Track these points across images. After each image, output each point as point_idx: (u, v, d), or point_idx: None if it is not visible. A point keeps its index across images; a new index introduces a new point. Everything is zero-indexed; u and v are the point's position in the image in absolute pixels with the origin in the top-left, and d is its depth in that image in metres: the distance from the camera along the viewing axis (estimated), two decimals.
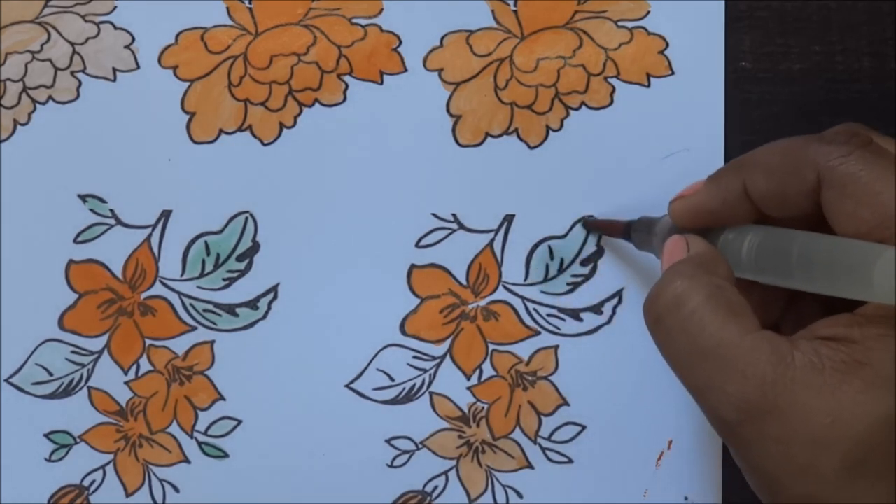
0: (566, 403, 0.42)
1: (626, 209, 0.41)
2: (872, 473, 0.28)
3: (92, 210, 0.41)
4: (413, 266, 0.42)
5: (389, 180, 0.41)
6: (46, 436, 0.41)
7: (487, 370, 0.42)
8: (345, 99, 0.41)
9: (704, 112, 0.42)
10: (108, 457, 0.42)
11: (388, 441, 0.42)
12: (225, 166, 0.41)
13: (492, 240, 0.42)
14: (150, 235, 0.41)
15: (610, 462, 0.42)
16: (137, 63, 0.41)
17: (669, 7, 0.42)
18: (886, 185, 0.29)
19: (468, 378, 0.42)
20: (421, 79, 0.42)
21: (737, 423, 0.29)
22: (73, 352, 0.41)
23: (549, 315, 0.42)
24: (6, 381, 0.41)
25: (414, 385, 0.42)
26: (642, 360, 0.41)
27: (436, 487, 0.42)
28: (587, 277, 0.42)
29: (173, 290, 0.41)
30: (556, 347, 0.42)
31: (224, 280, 0.41)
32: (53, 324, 0.41)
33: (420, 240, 0.42)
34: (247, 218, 0.41)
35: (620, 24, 0.42)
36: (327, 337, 0.42)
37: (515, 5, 0.42)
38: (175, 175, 0.41)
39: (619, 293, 0.42)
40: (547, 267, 0.42)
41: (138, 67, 0.41)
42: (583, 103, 0.42)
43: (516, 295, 0.42)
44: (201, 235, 0.41)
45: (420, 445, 0.42)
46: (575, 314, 0.42)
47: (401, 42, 0.42)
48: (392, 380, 0.42)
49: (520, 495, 0.42)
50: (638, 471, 0.42)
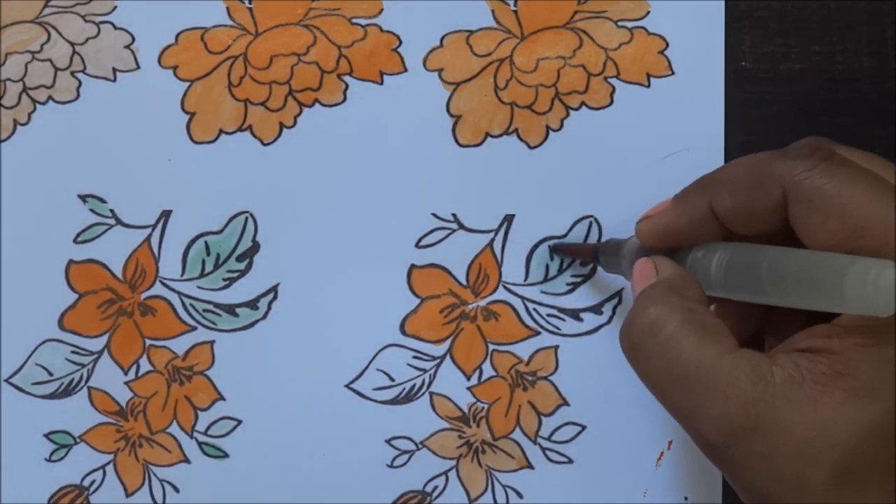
0: (566, 403, 0.42)
1: (626, 209, 0.41)
2: (861, 482, 0.28)
3: (92, 210, 0.41)
4: (413, 266, 0.42)
5: (389, 180, 0.41)
6: (46, 436, 0.41)
7: (487, 370, 0.42)
8: (345, 99, 0.41)
9: (704, 112, 0.42)
10: (108, 457, 0.42)
11: (388, 441, 0.42)
12: (225, 166, 0.41)
13: (492, 240, 0.42)
14: (150, 235, 0.41)
15: (610, 462, 0.42)
16: (137, 63, 0.41)
17: (669, 7, 0.42)
18: (852, 196, 0.29)
19: (468, 378, 0.42)
20: (421, 79, 0.42)
21: (723, 445, 0.29)
22: (73, 352, 0.41)
23: (549, 315, 0.42)
24: (6, 381, 0.41)
25: (414, 385, 0.42)
26: None
27: (436, 487, 0.42)
28: (587, 277, 0.42)
29: (173, 290, 0.41)
30: (556, 347, 0.42)
31: (224, 280, 0.41)
32: (53, 324, 0.41)
33: (420, 240, 0.42)
34: (247, 218, 0.41)
35: (620, 24, 0.42)
36: (327, 337, 0.42)
37: (515, 5, 0.42)
38: (175, 175, 0.41)
39: (619, 293, 0.42)
40: (547, 267, 0.42)
41: (138, 67, 0.41)
42: (583, 103, 0.42)
43: (516, 295, 0.42)
44: (201, 235, 0.41)
45: (420, 445, 0.42)
46: (575, 314, 0.42)
47: (401, 42, 0.42)
48: (392, 380, 0.42)
49: (520, 495, 0.42)
50: (638, 471, 0.42)
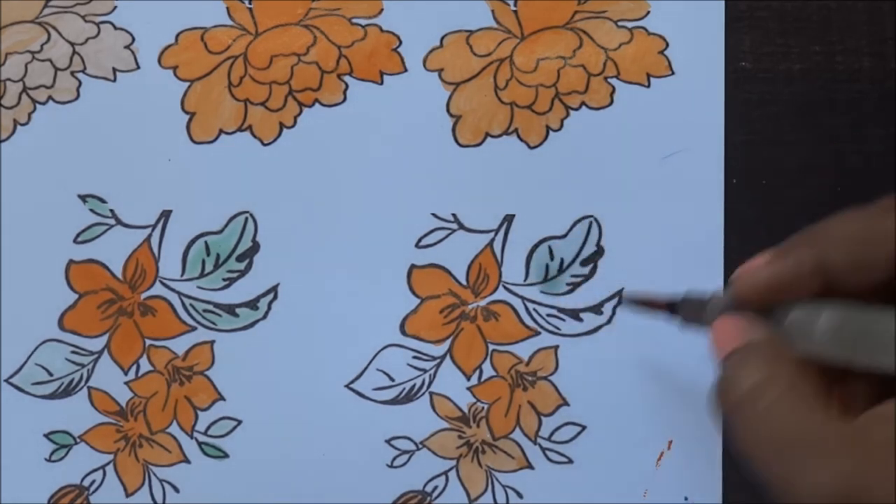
0: (566, 403, 0.42)
1: (626, 209, 0.41)
2: None
3: (92, 210, 0.41)
4: (413, 266, 0.42)
5: (389, 180, 0.41)
6: (46, 436, 0.41)
7: (487, 370, 0.42)
8: (345, 99, 0.41)
9: (704, 112, 0.42)
10: (108, 457, 0.42)
11: (388, 441, 0.42)
12: (225, 166, 0.41)
13: (492, 240, 0.42)
14: (150, 235, 0.41)
15: (610, 462, 0.42)
16: (137, 63, 0.41)
17: (669, 7, 0.42)
18: None
19: (468, 378, 0.42)
20: (421, 79, 0.42)
21: None
22: (73, 352, 0.41)
23: (549, 315, 0.42)
24: (6, 381, 0.41)
25: (414, 385, 0.42)
26: (642, 360, 0.41)
27: (436, 487, 0.42)
28: (587, 277, 0.42)
29: (173, 290, 0.41)
30: (556, 347, 0.42)
31: (224, 280, 0.41)
32: (53, 324, 0.41)
33: (420, 240, 0.42)
34: (247, 218, 0.41)
35: (620, 24, 0.42)
36: (327, 337, 0.42)
37: (515, 5, 0.42)
38: (175, 175, 0.41)
39: (619, 293, 0.42)
40: (547, 267, 0.42)
41: (138, 67, 0.41)
42: (583, 103, 0.42)
43: (516, 295, 0.42)
44: (201, 235, 0.41)
45: (420, 445, 0.42)
46: (575, 314, 0.42)
47: (401, 42, 0.42)
48: (392, 380, 0.42)
49: (520, 495, 0.42)
50: (638, 471, 0.42)
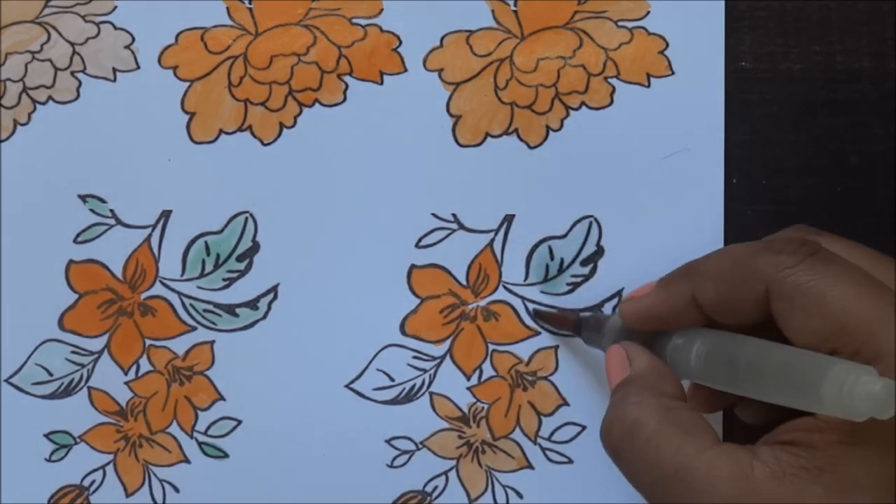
0: (566, 403, 0.42)
1: (626, 209, 0.41)
2: None
3: (92, 210, 0.41)
4: (413, 266, 0.42)
5: (389, 180, 0.41)
6: (46, 436, 0.41)
7: (487, 370, 0.42)
8: (345, 99, 0.41)
9: (704, 112, 0.42)
10: (108, 457, 0.42)
11: (388, 441, 0.42)
12: (225, 166, 0.41)
13: (492, 240, 0.42)
14: (150, 235, 0.41)
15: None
16: (137, 63, 0.41)
17: (669, 7, 0.42)
18: (835, 295, 0.29)
19: (468, 378, 0.42)
20: (421, 79, 0.42)
21: None
22: (73, 352, 0.41)
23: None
24: (6, 381, 0.41)
25: (414, 385, 0.42)
26: None
27: (436, 487, 0.42)
28: (587, 277, 0.42)
29: (173, 290, 0.41)
30: (556, 347, 0.42)
31: (224, 280, 0.41)
32: (53, 324, 0.41)
33: (420, 240, 0.42)
34: (247, 218, 0.41)
35: (620, 24, 0.42)
36: (327, 337, 0.42)
37: (515, 5, 0.42)
38: (175, 175, 0.41)
39: (619, 293, 0.42)
40: (547, 267, 0.42)
41: (138, 67, 0.41)
42: (583, 103, 0.42)
43: (516, 295, 0.42)
44: (201, 235, 0.41)
45: (420, 445, 0.42)
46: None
47: (401, 42, 0.42)
48: (392, 380, 0.42)
49: (520, 495, 0.42)
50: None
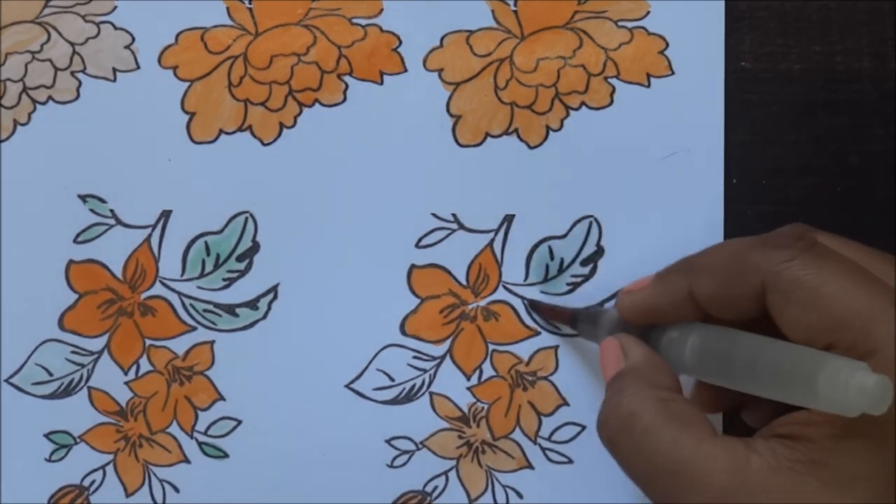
0: (566, 403, 0.42)
1: (626, 209, 0.41)
2: None
3: (92, 210, 0.41)
4: (413, 266, 0.42)
5: (389, 180, 0.41)
6: (46, 436, 0.41)
7: (487, 370, 0.42)
8: (345, 99, 0.41)
9: (704, 112, 0.42)
10: (108, 457, 0.42)
11: (388, 441, 0.42)
12: (225, 166, 0.41)
13: (492, 240, 0.42)
14: (150, 235, 0.41)
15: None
16: (137, 63, 0.41)
17: (669, 7, 0.42)
18: (831, 289, 0.29)
19: (468, 378, 0.42)
20: (421, 79, 0.42)
21: None
22: (73, 352, 0.41)
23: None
24: (6, 381, 0.41)
25: (414, 385, 0.42)
26: None
27: (436, 487, 0.42)
28: (587, 277, 0.42)
29: (173, 290, 0.41)
30: (556, 347, 0.42)
31: (224, 280, 0.41)
32: (53, 324, 0.41)
33: (420, 240, 0.42)
34: (247, 218, 0.41)
35: (620, 24, 0.42)
36: (327, 337, 0.42)
37: (515, 5, 0.42)
38: (175, 175, 0.41)
39: (618, 293, 0.42)
40: (547, 267, 0.42)
41: (138, 67, 0.41)
42: (583, 103, 0.42)
43: (516, 295, 0.42)
44: (201, 235, 0.41)
45: (420, 445, 0.42)
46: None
47: (401, 42, 0.42)
48: (392, 380, 0.42)
49: (520, 495, 0.42)
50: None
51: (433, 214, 0.42)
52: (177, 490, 0.42)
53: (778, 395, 0.29)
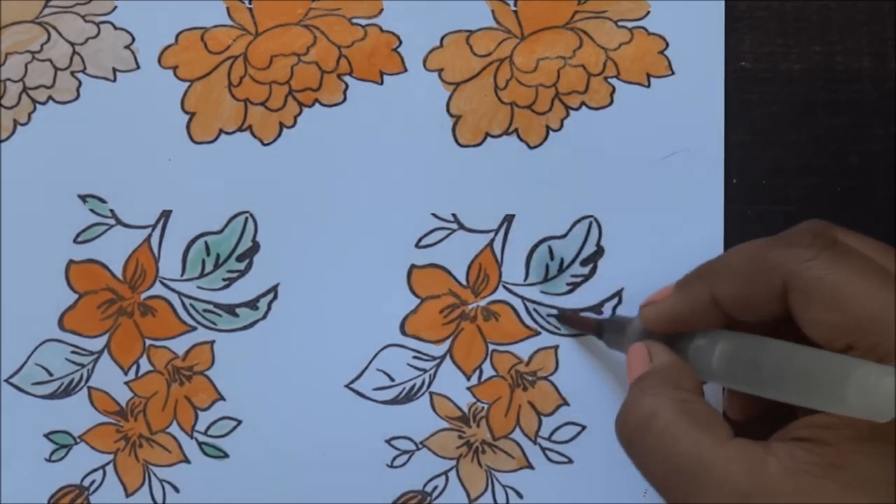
0: (566, 403, 0.42)
1: (626, 209, 0.41)
2: None
3: (92, 210, 0.41)
4: (413, 266, 0.42)
5: (389, 180, 0.41)
6: (46, 436, 0.41)
7: (487, 370, 0.42)
8: (345, 99, 0.41)
9: (704, 112, 0.42)
10: (108, 457, 0.42)
11: (388, 441, 0.42)
12: (225, 166, 0.41)
13: (492, 240, 0.42)
14: (150, 235, 0.41)
15: (610, 462, 0.42)
16: (137, 63, 0.41)
17: (669, 7, 0.42)
18: (852, 289, 0.29)
19: (468, 378, 0.42)
20: (421, 79, 0.42)
21: None
22: (73, 352, 0.41)
23: (549, 315, 0.42)
24: (6, 381, 0.41)
25: (414, 385, 0.42)
26: None
27: (436, 487, 0.42)
28: (587, 277, 0.42)
29: (173, 290, 0.41)
30: (556, 347, 0.42)
31: (224, 280, 0.41)
32: (53, 324, 0.41)
33: (420, 240, 0.42)
34: (247, 218, 0.41)
35: (620, 24, 0.42)
36: (327, 337, 0.42)
37: (515, 5, 0.42)
38: (175, 175, 0.41)
39: (619, 293, 0.42)
40: (547, 267, 0.42)
41: (138, 67, 0.41)
42: (583, 103, 0.42)
43: (516, 295, 0.42)
44: (201, 235, 0.41)
45: (420, 445, 0.42)
46: (575, 314, 0.42)
47: (401, 42, 0.42)
48: (392, 380, 0.42)
49: (520, 495, 0.42)
50: (638, 471, 0.42)
51: (433, 214, 0.42)
52: (177, 490, 0.42)
53: (806, 401, 0.29)
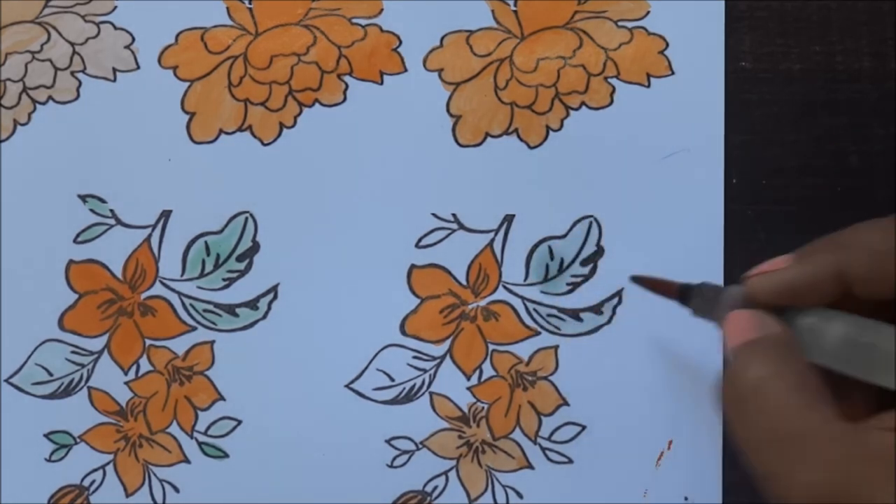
0: (566, 403, 0.42)
1: (626, 209, 0.41)
2: None
3: (92, 210, 0.41)
4: (413, 266, 0.42)
5: (389, 180, 0.41)
6: (46, 436, 0.41)
7: (487, 370, 0.42)
8: (345, 99, 0.41)
9: (704, 112, 0.42)
10: (108, 457, 0.42)
11: (388, 441, 0.42)
12: (225, 166, 0.41)
13: (492, 240, 0.42)
14: (150, 235, 0.41)
15: (610, 462, 0.42)
16: (137, 63, 0.41)
17: (669, 7, 0.42)
18: None
19: (468, 378, 0.42)
20: (421, 79, 0.42)
21: None
22: (73, 352, 0.41)
23: (549, 315, 0.42)
24: (6, 381, 0.41)
25: (414, 385, 0.42)
26: (642, 360, 0.41)
27: (436, 487, 0.42)
28: (587, 277, 0.42)
29: (173, 290, 0.41)
30: (556, 347, 0.42)
31: (224, 280, 0.41)
32: (53, 324, 0.41)
33: (420, 240, 0.42)
34: (247, 218, 0.41)
35: (620, 24, 0.42)
36: (327, 337, 0.42)
37: (515, 5, 0.42)
38: (175, 175, 0.41)
39: (619, 293, 0.42)
40: (547, 267, 0.42)
41: (138, 67, 0.41)
42: (583, 103, 0.42)
43: (516, 295, 0.42)
44: (201, 235, 0.41)
45: (420, 445, 0.42)
46: (575, 314, 0.42)
47: (401, 42, 0.42)
48: (392, 380, 0.42)
49: (520, 495, 0.42)
50: (638, 471, 0.42)
51: (433, 214, 0.42)
52: (177, 490, 0.42)
53: None
